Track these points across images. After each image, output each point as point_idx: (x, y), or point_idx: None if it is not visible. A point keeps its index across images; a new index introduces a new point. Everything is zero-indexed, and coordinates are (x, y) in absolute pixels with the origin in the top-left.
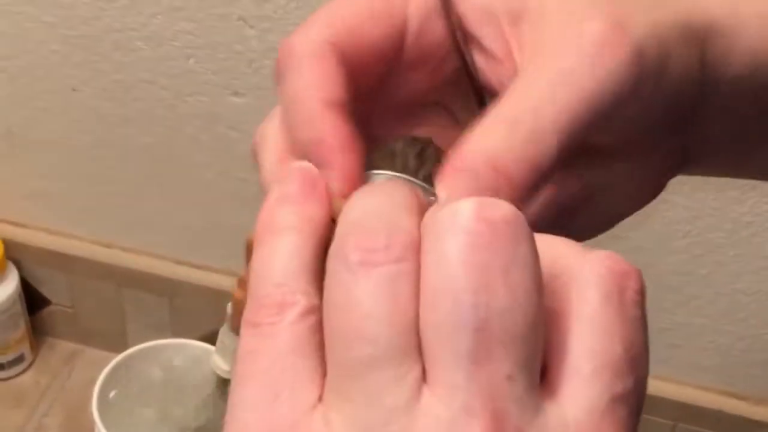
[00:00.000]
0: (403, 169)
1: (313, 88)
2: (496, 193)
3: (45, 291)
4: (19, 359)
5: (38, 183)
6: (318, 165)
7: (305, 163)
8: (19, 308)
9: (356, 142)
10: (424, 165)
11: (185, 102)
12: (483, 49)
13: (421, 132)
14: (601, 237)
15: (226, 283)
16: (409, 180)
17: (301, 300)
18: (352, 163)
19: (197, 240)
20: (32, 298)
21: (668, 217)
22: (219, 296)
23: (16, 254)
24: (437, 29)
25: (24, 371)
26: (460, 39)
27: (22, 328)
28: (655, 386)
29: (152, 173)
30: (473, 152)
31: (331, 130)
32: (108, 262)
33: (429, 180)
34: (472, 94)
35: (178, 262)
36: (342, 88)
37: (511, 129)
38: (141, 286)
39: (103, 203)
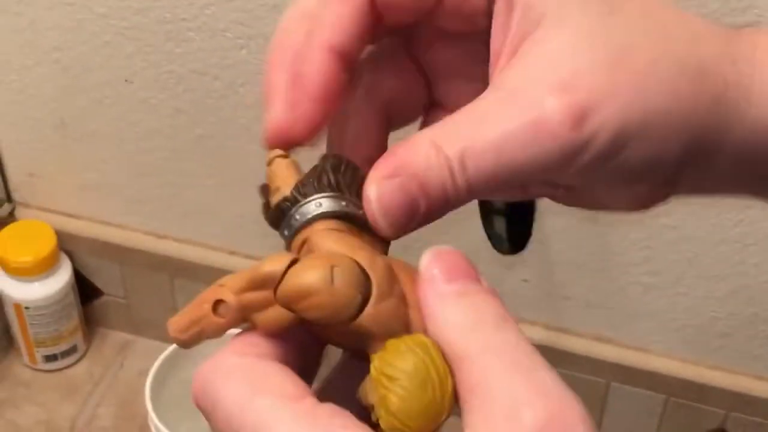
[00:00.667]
0: (329, 186)
1: (321, 30)
2: (416, 208)
3: (98, 282)
4: (72, 350)
5: (91, 174)
6: (293, 101)
7: None
8: (72, 299)
9: (335, 92)
10: (351, 182)
11: (237, 92)
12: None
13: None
14: (653, 225)
15: None
16: (337, 197)
17: None
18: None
19: (250, 230)
20: (85, 289)
21: (720, 207)
22: None
23: (69, 245)
24: None
25: (77, 362)
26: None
27: (75, 319)
28: (707, 376)
29: (205, 163)
30: (421, 135)
31: (314, 74)
32: (161, 253)
33: (356, 195)
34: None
35: (231, 252)
36: (349, 37)
37: (437, 152)
38: (194, 276)
39: (156, 194)
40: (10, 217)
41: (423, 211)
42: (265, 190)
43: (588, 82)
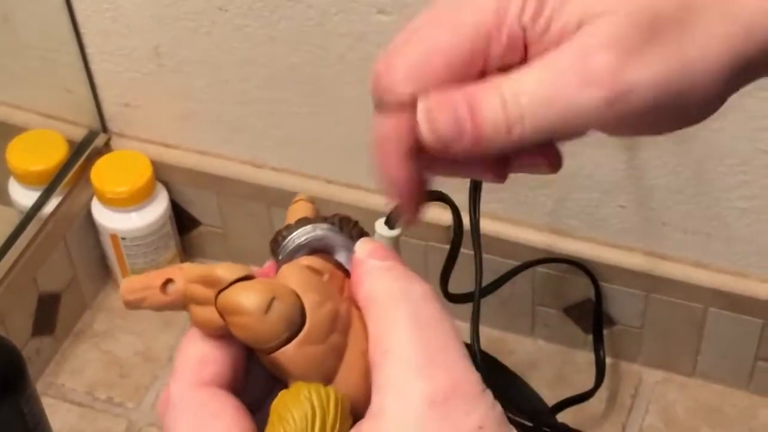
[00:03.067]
0: (330, 224)
1: (395, 138)
2: (461, 127)
3: (195, 212)
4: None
5: (186, 103)
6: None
7: None
8: (170, 229)
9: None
10: (352, 230)
11: (331, 21)
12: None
13: None
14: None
15: (375, 201)
16: (330, 229)
17: None
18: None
19: (347, 159)
20: (182, 219)
21: None
22: (369, 214)
23: (165, 176)
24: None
25: None
26: None
27: (172, 249)
28: None
29: (300, 92)
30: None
31: (400, 180)
32: (258, 182)
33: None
34: None
35: (329, 182)
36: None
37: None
38: (289, 204)
39: (252, 123)
40: (106, 148)
41: (470, 134)
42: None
43: (629, 43)
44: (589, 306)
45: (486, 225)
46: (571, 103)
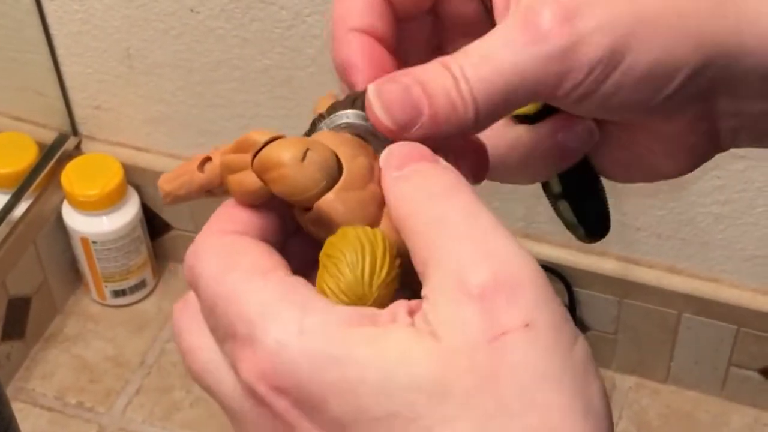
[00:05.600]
0: (361, 108)
1: (344, 17)
2: (417, 108)
3: (167, 216)
4: (141, 285)
5: (158, 106)
6: (348, 84)
7: None
8: (141, 233)
9: (383, 62)
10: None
11: (305, 22)
12: None
13: None
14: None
15: None
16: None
17: None
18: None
19: None
20: (154, 224)
21: None
22: None
23: (137, 179)
24: None
25: (146, 297)
26: None
27: (143, 253)
28: None
29: (273, 95)
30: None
31: (355, 54)
32: None
33: None
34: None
35: None
36: (373, 18)
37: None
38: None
39: (225, 126)
40: (77, 151)
41: (428, 114)
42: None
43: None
44: None
45: None
46: (517, 65)
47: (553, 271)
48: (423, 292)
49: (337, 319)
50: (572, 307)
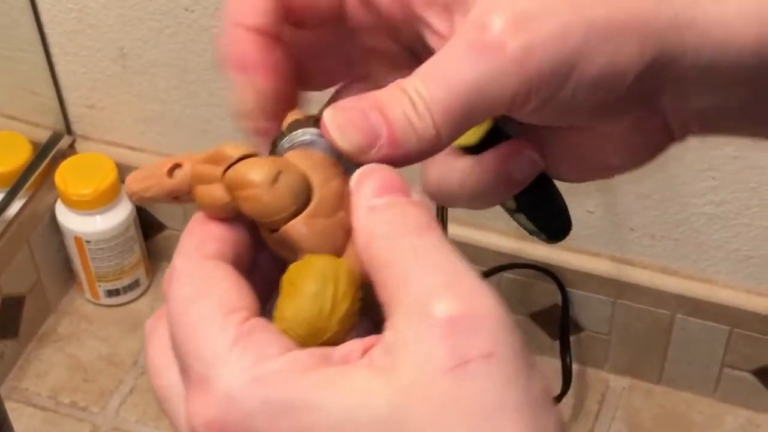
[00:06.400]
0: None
1: (237, 15)
2: (375, 131)
3: (160, 216)
4: (134, 285)
5: (152, 106)
6: (241, 73)
7: None
8: (134, 233)
9: (277, 59)
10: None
11: None
12: (431, 29)
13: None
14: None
15: None
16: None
17: None
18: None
19: None
20: (147, 223)
21: None
22: None
23: None
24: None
25: (139, 297)
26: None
27: (137, 253)
28: None
29: None
30: (366, 96)
31: (248, 49)
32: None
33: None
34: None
35: None
36: (265, 17)
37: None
38: None
39: (217, 125)
40: (70, 150)
41: (386, 136)
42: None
43: (518, 4)
44: (556, 312)
45: (453, 230)
46: (472, 81)
47: (546, 271)
48: (388, 322)
49: (291, 365)
50: (566, 307)
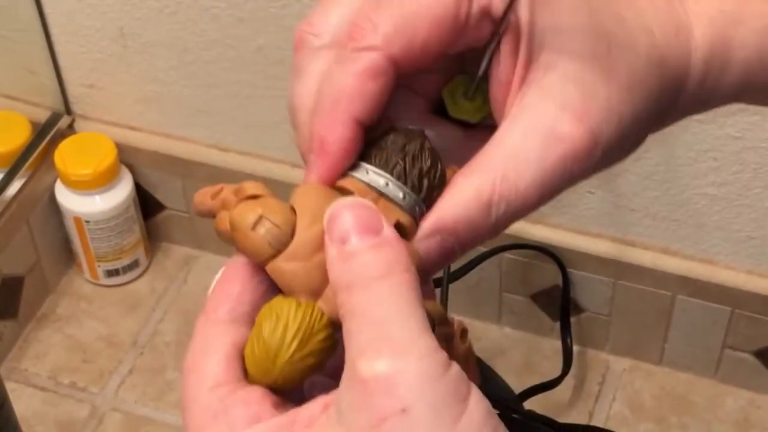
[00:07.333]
0: (386, 165)
1: (346, 101)
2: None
3: (160, 195)
4: (134, 264)
5: (151, 85)
6: (314, 157)
7: None
8: (134, 213)
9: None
10: (413, 161)
11: (299, 2)
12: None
13: None
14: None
15: None
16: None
17: None
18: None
19: None
20: (147, 203)
21: None
22: None
23: (130, 158)
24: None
25: (139, 277)
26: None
27: (136, 233)
28: None
29: (267, 75)
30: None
31: (337, 140)
32: (223, 166)
33: (419, 174)
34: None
35: (294, 166)
36: (372, 110)
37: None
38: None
39: (218, 106)
40: (69, 130)
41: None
42: None
43: (592, 106)
44: (557, 293)
45: None
46: (544, 174)
47: (547, 252)
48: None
49: None
50: (566, 288)
